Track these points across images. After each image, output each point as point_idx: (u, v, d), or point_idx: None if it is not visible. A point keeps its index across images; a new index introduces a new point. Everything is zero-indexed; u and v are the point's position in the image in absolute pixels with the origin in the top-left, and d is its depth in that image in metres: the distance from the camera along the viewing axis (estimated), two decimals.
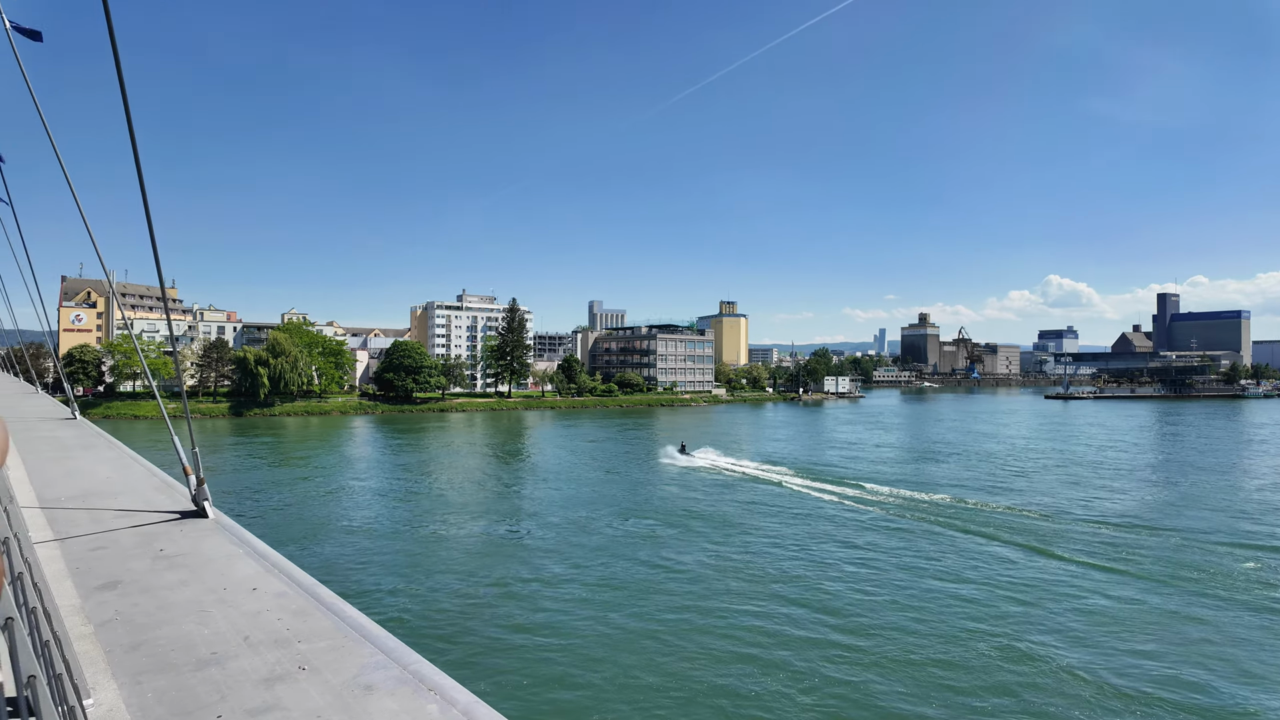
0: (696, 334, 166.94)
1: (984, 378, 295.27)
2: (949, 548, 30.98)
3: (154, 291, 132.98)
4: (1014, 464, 58.39)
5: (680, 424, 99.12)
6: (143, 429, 79.84)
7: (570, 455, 64.40)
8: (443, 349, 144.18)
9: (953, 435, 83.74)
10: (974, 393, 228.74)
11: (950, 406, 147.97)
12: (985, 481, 49.13)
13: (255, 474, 51.91)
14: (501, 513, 39.11)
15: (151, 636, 3.34)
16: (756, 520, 36.42)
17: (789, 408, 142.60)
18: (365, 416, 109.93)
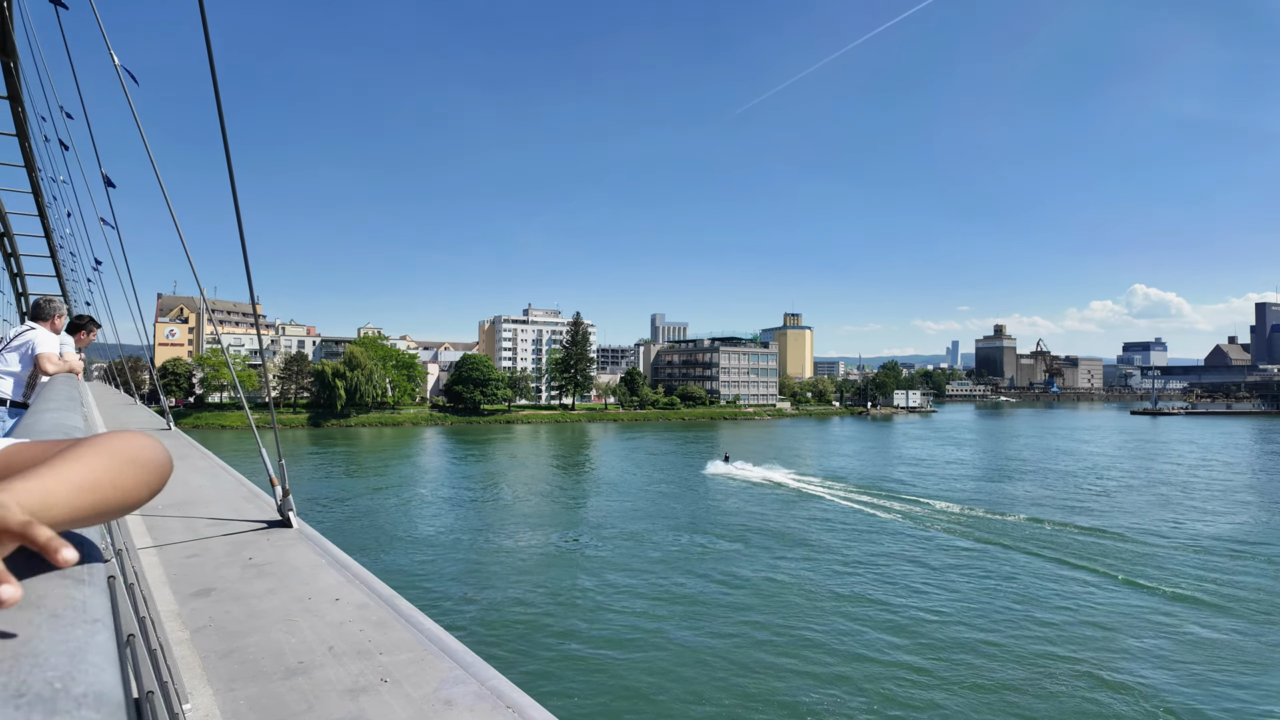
0: (760, 347, 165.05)
1: (1064, 392, 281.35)
2: (1023, 570, 29.55)
3: (240, 307, 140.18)
4: (1096, 483, 55.38)
5: (743, 438, 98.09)
6: (229, 438, 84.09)
7: (633, 467, 64.51)
8: (509, 362, 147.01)
9: (1029, 452, 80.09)
10: (1053, 408, 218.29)
11: (1028, 422, 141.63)
12: (1064, 501, 46.74)
13: (332, 483, 53.89)
14: (565, 524, 39.42)
15: (242, 644, 3.44)
16: (819, 536, 35.62)
17: (856, 422, 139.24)
18: (435, 428, 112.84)
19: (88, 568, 0.71)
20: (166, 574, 4.22)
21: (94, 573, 0.72)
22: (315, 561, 4.47)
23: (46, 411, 2.41)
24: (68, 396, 3.08)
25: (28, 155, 21.15)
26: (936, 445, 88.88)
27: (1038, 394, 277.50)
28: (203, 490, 6.59)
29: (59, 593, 0.63)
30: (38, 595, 0.61)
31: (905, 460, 72.28)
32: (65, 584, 0.66)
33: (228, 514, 5.67)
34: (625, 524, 38.79)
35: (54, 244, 30.37)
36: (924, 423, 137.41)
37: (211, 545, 4.88)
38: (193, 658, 3.17)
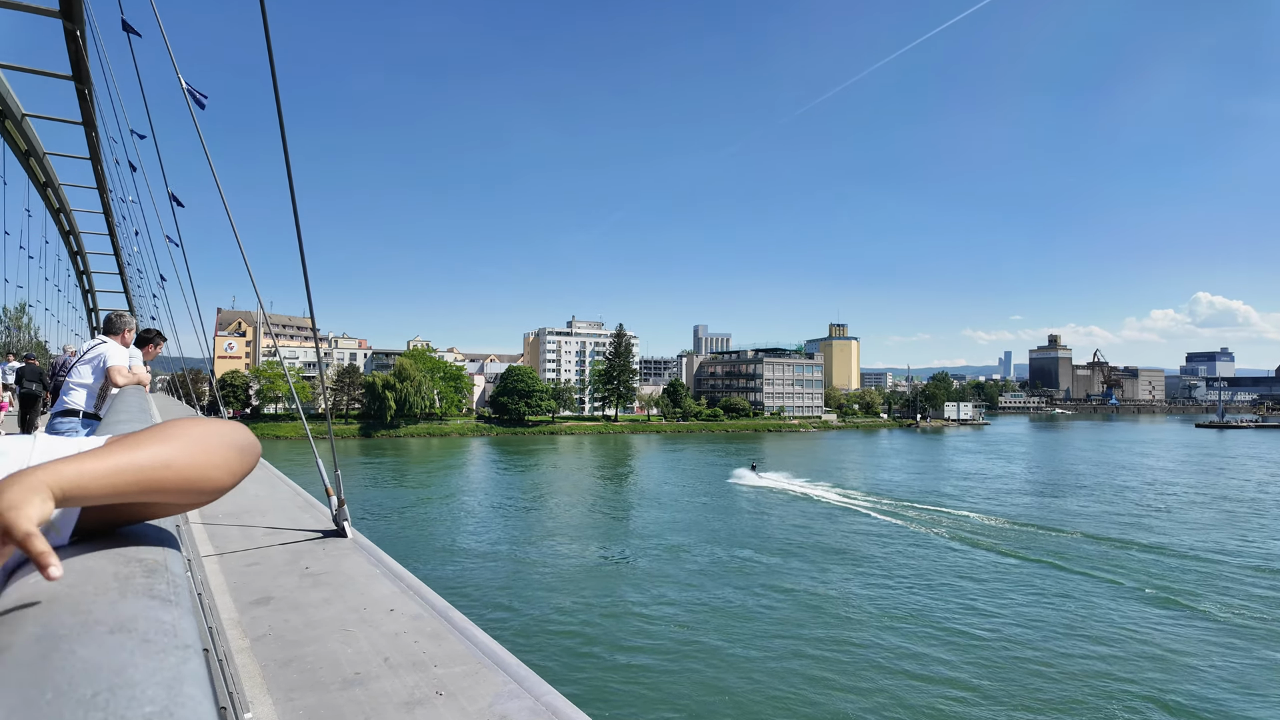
0: (804, 358, 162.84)
1: (1123, 404, 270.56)
2: (1078, 589, 28.41)
3: (295, 321, 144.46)
4: (1157, 499, 53.06)
5: (788, 450, 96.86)
6: (283, 448, 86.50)
7: (675, 478, 64.17)
8: (553, 373, 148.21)
9: (1086, 466, 77.12)
10: (1112, 420, 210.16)
11: (1085, 435, 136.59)
12: (1124, 518, 44.85)
13: (381, 493, 54.92)
14: (609, 535, 39.38)
15: (301, 653, 3.47)
16: (865, 551, 34.88)
17: (905, 435, 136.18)
18: (481, 438, 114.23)
19: (172, 582, 0.71)
20: (227, 582, 4.30)
21: (178, 589, 0.71)
22: (370, 572, 4.51)
23: (120, 423, 2.48)
24: (139, 408, 3.17)
25: (100, 177, 22.19)
26: (989, 458, 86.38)
27: (1095, 406, 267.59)
28: (260, 500, 6.73)
29: (148, 615, 0.62)
30: (128, 616, 0.60)
31: (956, 474, 70.37)
32: (154, 604, 0.64)
33: (285, 523, 5.77)
34: (668, 536, 38.57)
35: (122, 261, 31.79)
36: (976, 435, 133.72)
37: (270, 554, 4.97)
38: (253, 666, 3.21)
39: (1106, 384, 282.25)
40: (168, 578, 0.72)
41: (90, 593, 0.64)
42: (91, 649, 0.52)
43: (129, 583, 0.68)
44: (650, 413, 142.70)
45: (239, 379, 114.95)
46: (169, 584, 0.71)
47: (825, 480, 60.80)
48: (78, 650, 0.51)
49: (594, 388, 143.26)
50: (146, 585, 0.68)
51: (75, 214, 28.61)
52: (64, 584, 0.65)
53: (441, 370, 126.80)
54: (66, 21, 11.28)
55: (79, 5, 10.78)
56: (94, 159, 20.05)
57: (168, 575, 0.73)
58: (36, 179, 22.92)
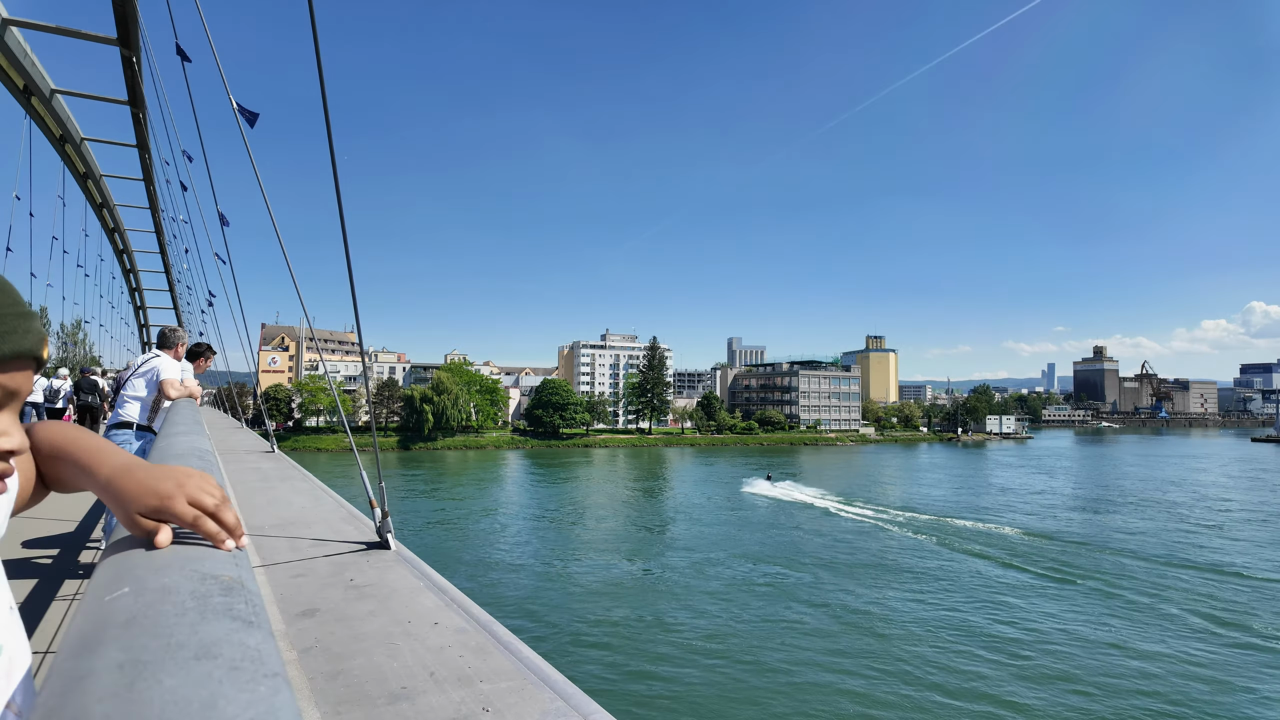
0: (841, 370, 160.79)
1: (1174, 417, 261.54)
2: (1125, 614, 27.34)
3: (336, 336, 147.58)
4: (1213, 515, 50.98)
5: (825, 464, 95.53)
6: (324, 461, 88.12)
7: (710, 491, 63.69)
8: (587, 386, 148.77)
9: (1135, 482, 74.57)
10: (1162, 434, 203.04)
11: (1135, 449, 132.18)
12: (1173, 535, 43.18)
13: (420, 505, 55.54)
14: (644, 549, 39.18)
15: (347, 666, 3.47)
16: (903, 567, 34.11)
17: (946, 449, 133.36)
18: (516, 451, 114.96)
19: (250, 600, 0.70)
20: (274, 593, 4.33)
21: (257, 609, 0.68)
22: (414, 584, 4.51)
23: (178, 435, 2.51)
24: (193, 420, 3.22)
25: (152, 198, 22.97)
26: (1033, 473, 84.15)
27: (1144, 420, 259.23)
28: (305, 511, 6.81)
29: (232, 639, 0.60)
30: (211, 640, 0.58)
31: (998, 489, 68.63)
32: (235, 626, 0.62)
33: (329, 535, 5.82)
34: (703, 550, 38.24)
35: (172, 278, 32.83)
36: (1019, 449, 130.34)
37: (315, 566, 5.00)
38: (301, 679, 3.21)
39: (1156, 396, 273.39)
40: (245, 596, 0.70)
41: (170, 613, 0.61)
42: (178, 678, 0.49)
43: (207, 602, 0.65)
44: (684, 426, 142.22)
45: (281, 392, 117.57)
46: (248, 603, 0.69)
47: (863, 496, 59.80)
48: (164, 680, 0.49)
49: (628, 400, 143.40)
50: (226, 605, 0.65)
51: (129, 233, 29.67)
52: (141, 602, 0.63)
53: (478, 383, 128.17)
54: (123, 49, 11.74)
55: (135, 33, 11.20)
56: (147, 180, 20.77)
57: (245, 593, 0.71)
58: (93, 200, 23.83)
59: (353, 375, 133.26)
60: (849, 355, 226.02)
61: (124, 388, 5.80)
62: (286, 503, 7.32)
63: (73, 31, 11.25)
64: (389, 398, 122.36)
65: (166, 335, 6.21)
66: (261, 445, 15.19)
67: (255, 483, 8.70)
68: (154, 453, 2.48)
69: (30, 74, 12.96)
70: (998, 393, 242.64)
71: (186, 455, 1.99)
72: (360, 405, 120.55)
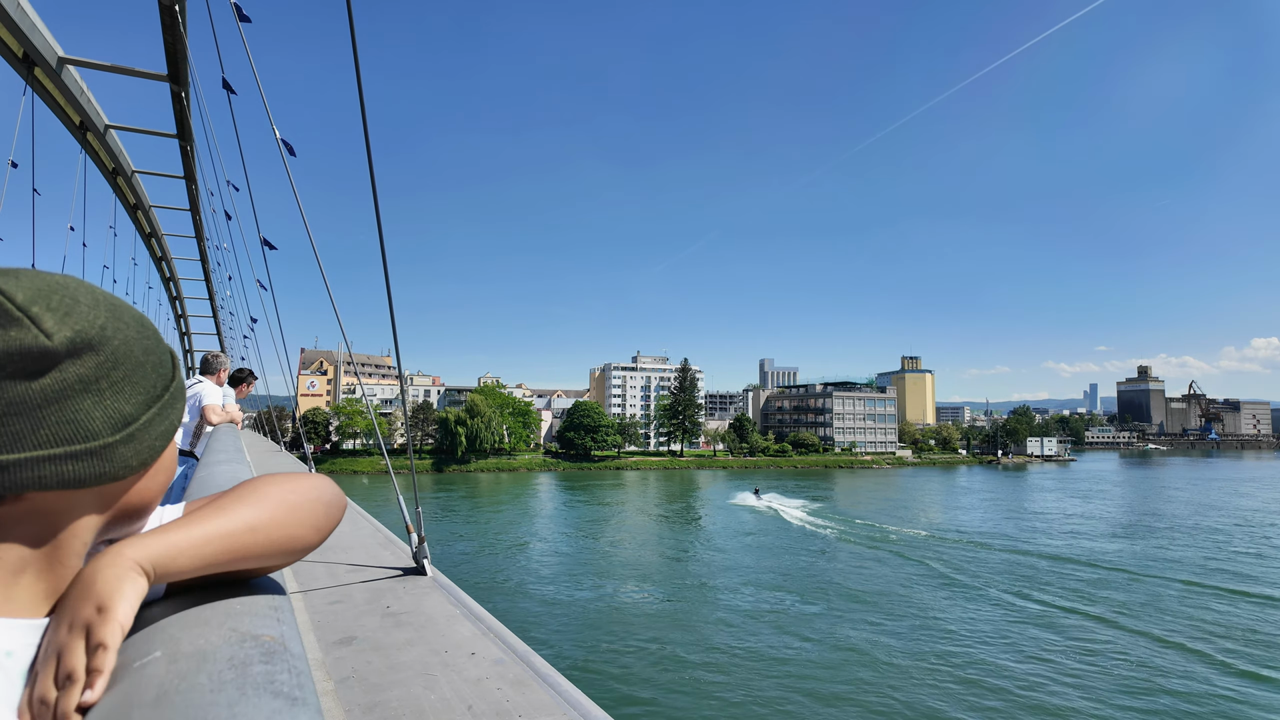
0: (876, 391, 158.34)
1: (1225, 439, 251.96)
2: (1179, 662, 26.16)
3: (373, 360, 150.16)
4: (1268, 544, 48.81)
5: (860, 487, 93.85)
6: (361, 483, 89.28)
7: (743, 516, 62.89)
8: (619, 409, 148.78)
9: (1191, 509, 71.81)
10: (1212, 456, 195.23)
11: (1185, 472, 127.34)
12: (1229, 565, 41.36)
13: (453, 527, 55.79)
14: (679, 576, 38.72)
15: (384, 698, 3.41)
16: (950, 598, 33.16)
17: (986, 471, 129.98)
18: (549, 473, 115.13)
19: (294, 668, 0.67)
20: (311, 620, 4.31)
21: (302, 679, 0.65)
22: (450, 612, 4.45)
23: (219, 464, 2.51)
24: (235, 448, 3.23)
25: (198, 226, 23.68)
26: (1081, 498, 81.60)
27: (1193, 441, 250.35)
28: (343, 536, 6.83)
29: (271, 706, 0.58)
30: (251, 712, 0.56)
31: (1046, 515, 66.62)
32: (278, 706, 0.59)
33: (366, 560, 5.81)
34: (737, 578, 37.68)
35: (215, 304, 33.70)
36: (1062, 473, 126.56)
37: (352, 592, 4.98)
38: (337, 710, 3.16)
39: (1205, 418, 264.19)
40: (289, 663, 0.66)
41: (205, 687, 0.57)
42: None
43: (247, 672, 0.61)
44: (716, 448, 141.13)
45: (319, 416, 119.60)
46: (291, 671, 0.64)
47: (910, 522, 58.52)
48: None
49: (659, 423, 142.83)
50: (267, 676, 0.61)
51: (175, 261, 30.62)
52: (173, 672, 0.60)
53: (510, 406, 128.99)
54: (173, 84, 12.17)
55: (185, 69, 11.62)
56: (193, 209, 21.45)
57: (288, 659, 0.67)
58: (142, 230, 24.66)
59: (388, 399, 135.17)
60: (884, 376, 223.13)
61: None
62: None
63: (126, 69, 11.71)
64: (424, 420, 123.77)
65: (209, 361, 6.32)
66: (300, 468, 15.38)
67: None
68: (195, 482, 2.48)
69: (86, 110, 13.50)
70: (1038, 414, 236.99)
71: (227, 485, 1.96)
72: (396, 428, 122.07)
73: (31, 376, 0.66)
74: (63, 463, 0.69)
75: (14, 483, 0.67)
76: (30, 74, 11.44)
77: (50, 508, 0.71)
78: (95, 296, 0.70)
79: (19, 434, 0.66)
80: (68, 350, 0.68)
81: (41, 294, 0.64)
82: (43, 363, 0.67)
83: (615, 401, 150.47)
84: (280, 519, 0.92)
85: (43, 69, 11.44)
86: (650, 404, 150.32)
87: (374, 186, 4.61)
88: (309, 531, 0.97)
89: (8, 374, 0.65)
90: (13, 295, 0.61)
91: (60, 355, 0.68)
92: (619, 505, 73.35)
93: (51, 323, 0.65)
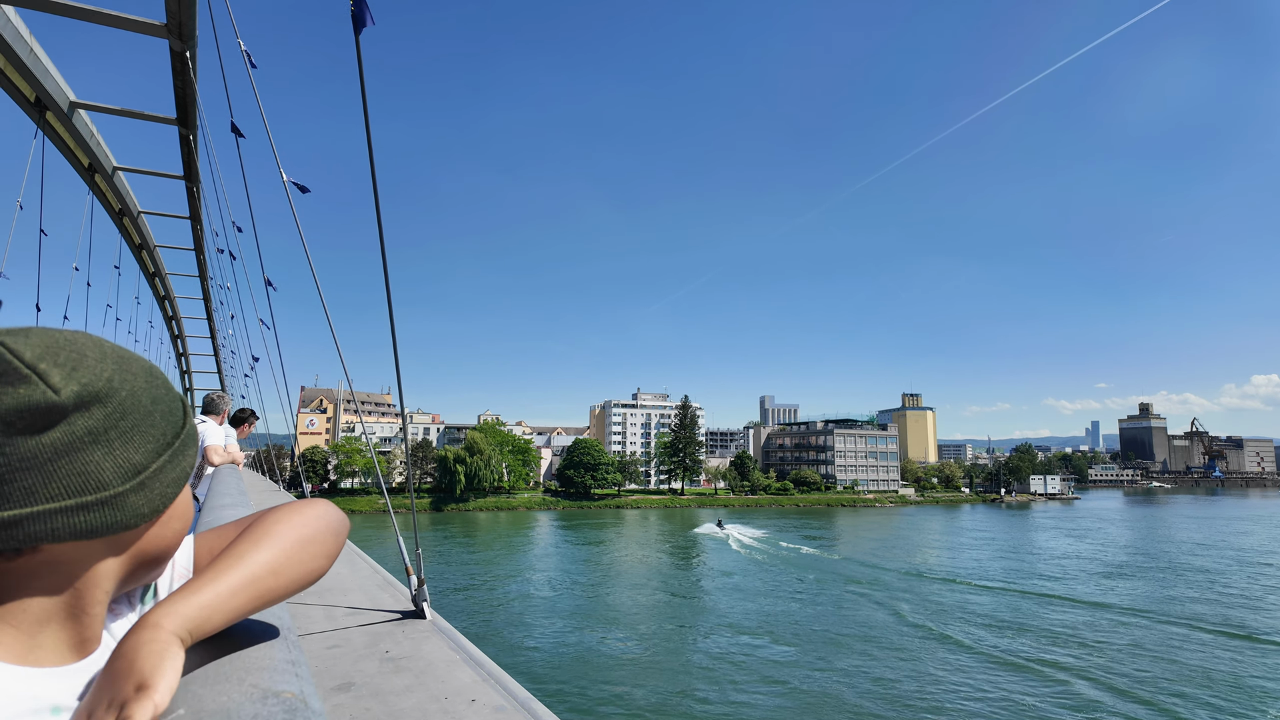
0: (878, 429, 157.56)
1: (1229, 477, 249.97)
2: None
3: (374, 398, 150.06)
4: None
5: (864, 525, 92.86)
6: (357, 522, 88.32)
7: (745, 557, 62.09)
8: (619, 446, 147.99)
9: (1208, 551, 70.98)
10: (1217, 494, 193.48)
11: (1191, 510, 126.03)
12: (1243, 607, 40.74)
13: (452, 568, 55.06)
14: (681, 620, 38.11)
15: None
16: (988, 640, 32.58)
17: (990, 510, 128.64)
18: (548, 512, 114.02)
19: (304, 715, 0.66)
20: (311, 665, 4.23)
21: None
22: (450, 657, 4.37)
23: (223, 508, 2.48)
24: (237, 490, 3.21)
25: (201, 266, 23.88)
26: (1089, 539, 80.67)
27: (1197, 479, 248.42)
28: (342, 578, 6.74)
29: None
30: None
31: (1060, 556, 65.84)
32: None
33: (365, 603, 5.72)
34: (740, 621, 37.08)
35: (217, 343, 33.82)
36: (1067, 511, 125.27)
37: (350, 636, 4.90)
38: None
39: (1208, 455, 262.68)
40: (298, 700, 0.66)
41: None
42: None
43: None
44: (717, 486, 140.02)
45: (318, 454, 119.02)
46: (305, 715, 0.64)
47: (925, 563, 57.77)
48: None
49: (660, 460, 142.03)
50: None
51: (178, 300, 30.80)
52: None
53: (510, 444, 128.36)
54: (182, 128, 12.38)
55: (194, 113, 11.83)
56: (198, 249, 21.64)
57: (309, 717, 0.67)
58: (146, 270, 24.86)
59: (387, 436, 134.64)
60: (885, 413, 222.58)
61: None
62: None
63: (136, 113, 11.93)
64: (423, 459, 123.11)
65: (213, 401, 6.31)
66: None
67: None
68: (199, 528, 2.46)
69: (95, 153, 13.72)
70: (1040, 452, 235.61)
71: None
72: (395, 466, 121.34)
73: (40, 431, 0.67)
74: (74, 514, 0.70)
75: (28, 535, 0.68)
76: (42, 118, 11.67)
77: (67, 558, 0.73)
78: (103, 350, 0.71)
79: (31, 488, 0.67)
80: (75, 404, 0.69)
81: (49, 351, 0.65)
82: (50, 417, 0.68)
83: (615, 439, 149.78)
84: (297, 556, 0.93)
85: (54, 113, 11.67)
86: (651, 441, 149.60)
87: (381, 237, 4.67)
88: (323, 562, 0.99)
89: (17, 430, 0.66)
90: (20, 353, 0.63)
91: (68, 409, 0.69)
92: (619, 545, 72.49)
93: (58, 378, 0.68)
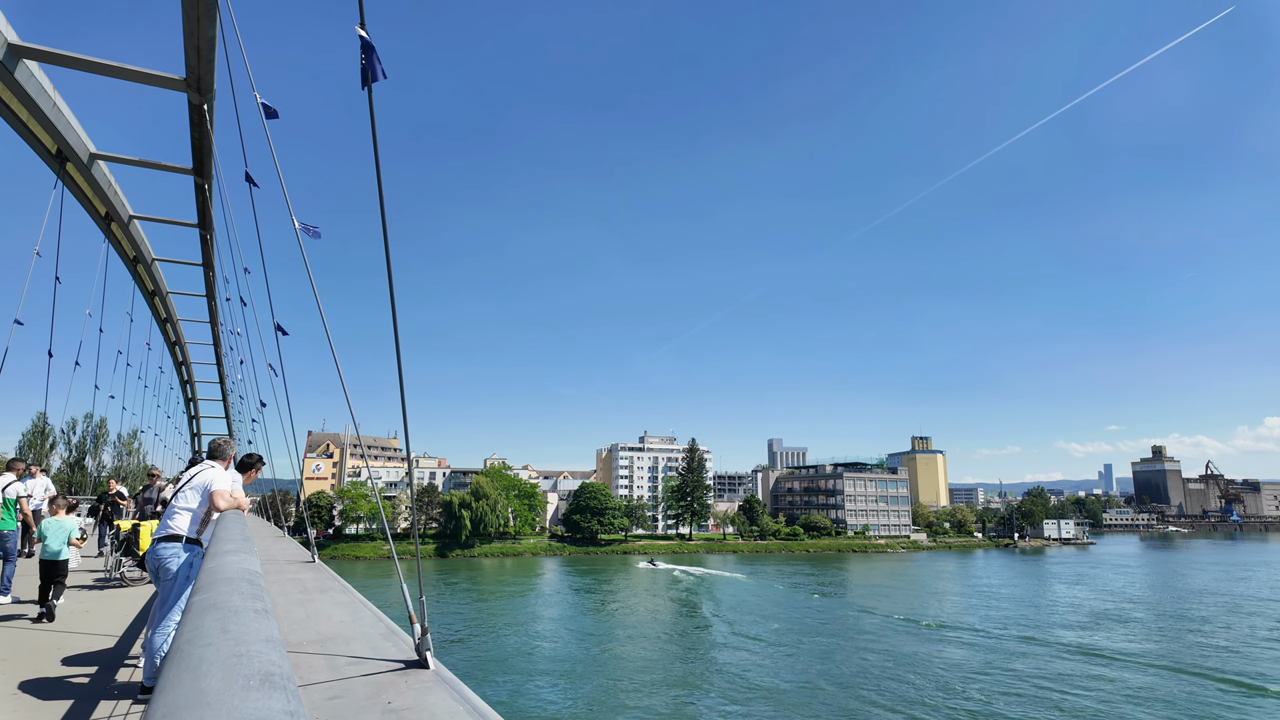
0: (888, 472, 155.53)
1: (1247, 521, 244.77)
2: None
3: (380, 442, 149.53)
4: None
5: (878, 572, 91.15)
6: (362, 569, 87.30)
7: (763, 607, 60.90)
8: (626, 490, 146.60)
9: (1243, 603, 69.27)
10: (1236, 539, 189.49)
11: (1212, 556, 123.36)
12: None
13: (457, 617, 54.16)
14: (691, 672, 37.25)
15: None
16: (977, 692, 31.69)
17: (1004, 556, 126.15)
18: (554, 558, 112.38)
19: None
20: (310, 716, 4.15)
21: None
22: (453, 709, 4.29)
23: (228, 554, 2.47)
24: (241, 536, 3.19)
25: (212, 312, 24.13)
26: (1110, 588, 78.95)
27: (1214, 523, 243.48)
28: (344, 626, 6.64)
29: None
30: None
31: (1087, 610, 64.39)
32: None
33: (367, 652, 5.63)
34: (750, 673, 36.23)
35: (225, 388, 33.97)
36: (1083, 556, 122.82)
37: (352, 686, 4.82)
38: None
39: (1225, 498, 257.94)
40: None
41: None
42: None
43: None
44: (726, 531, 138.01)
45: (324, 499, 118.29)
46: None
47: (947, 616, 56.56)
48: None
49: (667, 504, 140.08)
50: None
51: (189, 346, 31.07)
52: None
53: (516, 488, 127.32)
54: (197, 177, 12.68)
55: (209, 163, 12.13)
56: (209, 295, 21.92)
57: None
58: (158, 315, 25.15)
59: (393, 481, 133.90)
60: (894, 457, 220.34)
61: (175, 498, 5.84)
62: (325, 616, 7.16)
63: (153, 164, 12.23)
64: (428, 504, 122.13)
65: (220, 446, 6.30)
66: (302, 555, 15.12)
67: (296, 595, 8.58)
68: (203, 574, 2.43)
69: (112, 202, 14.02)
70: (1053, 495, 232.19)
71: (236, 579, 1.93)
72: (399, 511, 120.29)
73: None
74: None
75: None
76: (62, 169, 11.97)
77: None
78: None
79: None
80: None
81: None
82: None
83: (622, 482, 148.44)
84: None
85: (74, 164, 11.98)
86: (658, 485, 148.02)
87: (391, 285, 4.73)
88: None
89: None
90: None
91: None
92: (626, 593, 71.27)
93: None
